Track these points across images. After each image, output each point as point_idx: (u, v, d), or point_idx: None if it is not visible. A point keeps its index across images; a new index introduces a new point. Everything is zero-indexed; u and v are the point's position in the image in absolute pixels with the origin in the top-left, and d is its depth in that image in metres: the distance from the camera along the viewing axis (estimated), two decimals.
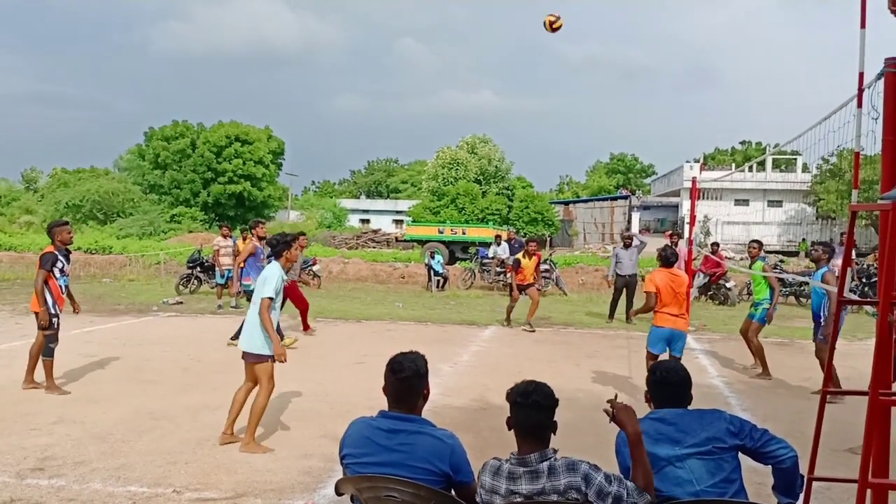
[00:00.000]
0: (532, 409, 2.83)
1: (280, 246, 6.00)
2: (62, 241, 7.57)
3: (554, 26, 9.77)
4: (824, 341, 7.78)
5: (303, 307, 11.66)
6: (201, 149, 43.49)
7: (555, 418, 2.92)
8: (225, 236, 15.85)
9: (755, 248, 9.73)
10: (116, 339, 11.02)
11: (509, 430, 2.91)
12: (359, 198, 75.48)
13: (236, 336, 10.08)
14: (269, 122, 75.01)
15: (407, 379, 3.03)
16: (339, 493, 3.01)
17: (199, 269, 17.68)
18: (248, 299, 9.97)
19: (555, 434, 2.91)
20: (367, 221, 59.82)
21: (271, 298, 5.65)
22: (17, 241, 28.81)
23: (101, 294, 17.60)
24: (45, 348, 7.49)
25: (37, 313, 7.41)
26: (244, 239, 16.51)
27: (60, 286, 7.54)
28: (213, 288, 16.55)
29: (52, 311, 7.48)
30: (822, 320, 7.94)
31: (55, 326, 7.51)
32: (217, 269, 15.58)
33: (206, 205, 43.78)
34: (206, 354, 9.77)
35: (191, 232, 36.97)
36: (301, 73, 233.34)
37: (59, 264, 7.50)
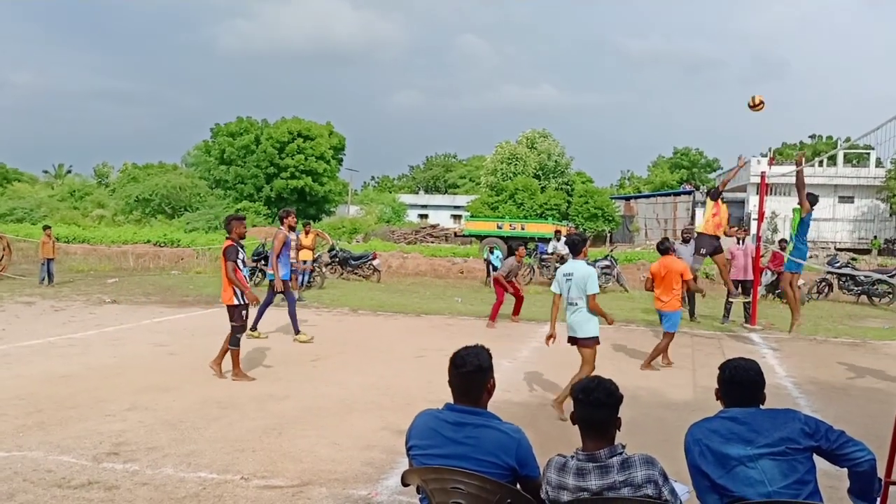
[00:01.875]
0: (593, 406, 2.86)
1: None
2: (239, 234, 7.97)
3: (756, 108, 10.66)
4: None
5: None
6: (264, 144, 44.37)
7: (618, 415, 2.91)
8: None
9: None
10: (185, 329, 11.36)
11: (574, 424, 2.93)
12: (417, 193, 75.86)
13: (254, 328, 10.26)
14: (331, 119, 75.98)
15: (469, 374, 3.03)
16: (405, 483, 3.04)
17: (263, 262, 18.06)
18: (273, 288, 10.35)
19: (619, 430, 2.91)
20: (426, 216, 60.10)
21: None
22: (90, 234, 29.91)
23: (170, 286, 18.15)
24: (232, 338, 7.85)
25: (228, 305, 7.82)
26: (306, 233, 16.83)
27: (245, 276, 7.94)
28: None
29: (241, 302, 7.84)
30: None
31: (244, 318, 7.88)
32: (246, 258, 15.91)
33: (269, 199, 44.66)
34: (270, 345, 9.99)
35: (254, 226, 37.79)
36: (362, 69, 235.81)
37: (241, 255, 7.91)
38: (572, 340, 7.10)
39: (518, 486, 2.95)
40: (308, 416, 6.51)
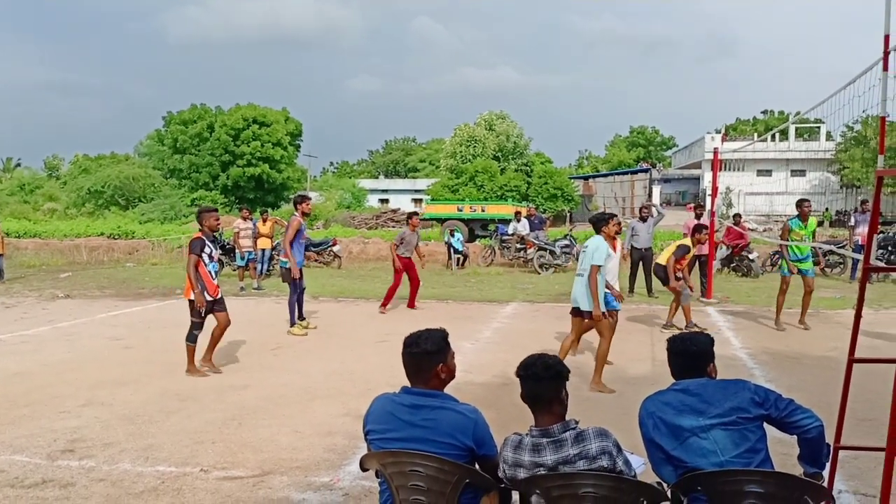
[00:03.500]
0: (532, 380, 2.92)
1: None
2: (210, 226, 7.69)
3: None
4: None
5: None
6: (219, 132, 43.63)
7: (565, 389, 2.96)
8: (245, 218, 15.93)
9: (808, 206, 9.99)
10: (141, 323, 11.16)
11: (524, 403, 2.98)
12: (377, 178, 75.51)
13: (294, 322, 10.06)
14: (287, 105, 75.04)
15: (417, 355, 3.03)
16: (363, 468, 3.03)
17: (220, 251, 17.81)
18: (283, 278, 10.12)
19: (565, 405, 2.96)
20: (387, 201, 59.87)
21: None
22: (41, 228, 29.20)
23: (125, 278, 17.81)
24: (189, 334, 7.61)
25: (191, 301, 7.50)
26: (264, 221, 16.61)
27: (210, 272, 7.60)
28: (234, 270, 16.68)
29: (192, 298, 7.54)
30: None
31: (201, 315, 7.55)
32: (237, 251, 15.69)
33: (226, 188, 44.00)
34: (229, 335, 9.83)
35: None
36: (318, 54, 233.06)
37: (208, 249, 7.59)
38: (576, 311, 7.14)
39: (476, 465, 2.97)
40: (269, 406, 6.46)
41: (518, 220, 20.67)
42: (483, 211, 29.99)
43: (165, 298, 14.15)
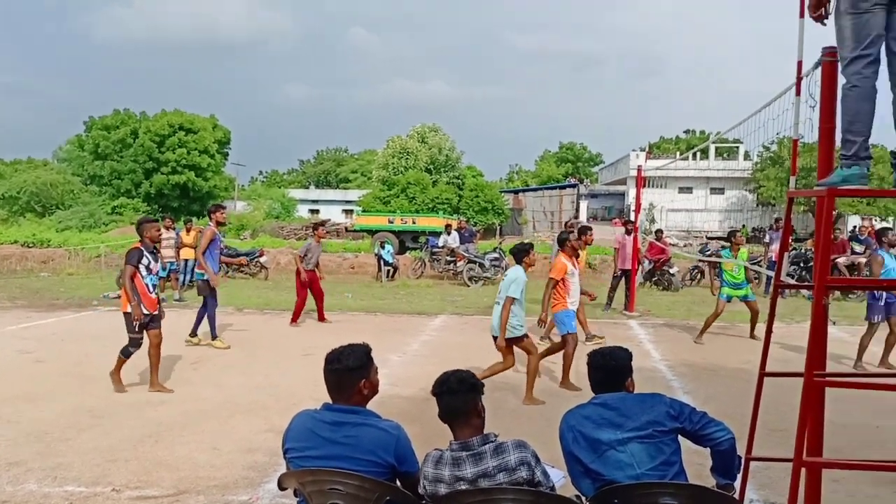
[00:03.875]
0: (448, 394, 2.93)
1: None
2: (151, 238, 7.42)
3: None
4: None
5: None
6: (142, 138, 42.42)
7: (480, 402, 2.98)
8: (167, 228, 15.50)
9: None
10: (55, 335, 10.68)
11: (443, 422, 2.99)
12: (308, 188, 74.57)
13: (194, 333, 9.83)
14: (215, 112, 73.39)
15: (339, 371, 2.99)
16: (281, 487, 2.97)
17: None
18: (199, 290, 9.68)
19: (483, 418, 2.97)
20: (317, 212, 59.17)
21: None
22: None
23: (38, 288, 17.05)
24: (124, 349, 7.22)
25: (126, 314, 7.14)
26: (188, 231, 16.20)
27: (147, 285, 7.24)
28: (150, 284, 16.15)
29: (142, 312, 7.15)
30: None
31: (136, 329, 7.16)
32: (159, 261, 15.22)
33: (149, 196, 42.76)
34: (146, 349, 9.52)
35: (132, 224, 36.05)
36: (248, 61, 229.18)
37: (146, 261, 7.25)
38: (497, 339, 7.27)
39: (398, 482, 2.94)
40: (187, 422, 6.27)
41: (448, 233, 20.77)
42: (414, 223, 29.99)
43: (82, 310, 13.60)
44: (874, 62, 3.06)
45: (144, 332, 7.27)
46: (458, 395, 2.92)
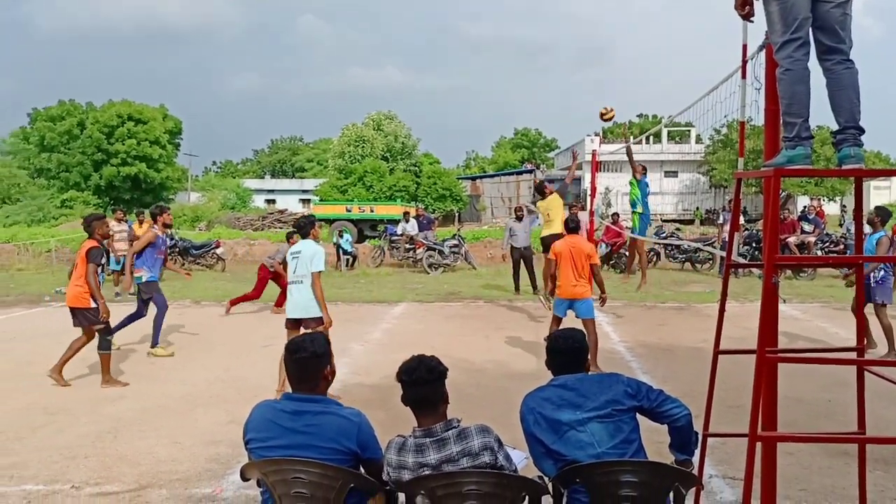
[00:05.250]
0: (418, 384, 2.93)
1: None
2: (102, 234, 7.44)
3: (605, 117, 11.26)
4: (882, 305, 8.22)
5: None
6: (90, 129, 41.37)
7: (445, 388, 3.00)
8: (119, 220, 15.19)
9: None
10: (5, 333, 10.42)
11: (406, 406, 2.98)
12: (263, 178, 73.64)
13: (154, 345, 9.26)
14: (165, 102, 71.81)
15: (303, 360, 2.98)
16: (244, 478, 2.96)
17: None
18: (139, 293, 8.89)
19: (448, 403, 3.00)
20: (273, 202, 58.51)
21: None
22: None
23: None
24: (102, 341, 7.26)
25: (78, 308, 7.22)
26: (140, 223, 15.88)
27: (100, 282, 7.32)
28: (108, 275, 15.83)
29: (97, 305, 7.22)
30: (872, 283, 8.24)
31: (100, 319, 7.24)
32: (112, 254, 14.89)
33: (100, 188, 41.79)
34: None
35: (83, 217, 35.18)
36: (197, 50, 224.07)
37: (102, 259, 7.37)
38: (294, 322, 6.78)
39: (361, 469, 2.95)
40: (147, 417, 6.18)
41: (407, 221, 20.73)
42: (372, 211, 29.87)
43: (33, 306, 13.27)
44: (804, 45, 3.14)
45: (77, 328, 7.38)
46: (428, 385, 2.91)
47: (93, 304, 7.24)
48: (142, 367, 8.12)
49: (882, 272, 8.29)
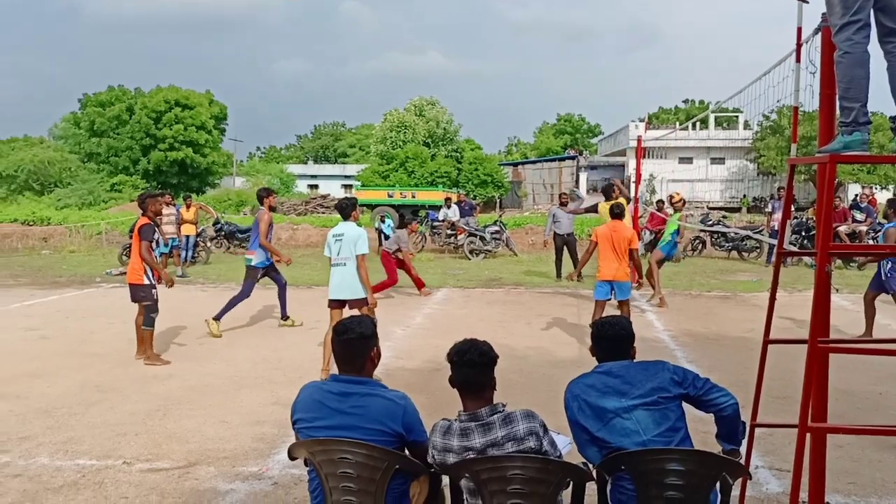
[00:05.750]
0: (468, 366, 2.92)
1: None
2: (154, 211, 7.73)
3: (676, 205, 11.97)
4: None
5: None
6: (139, 115, 42.18)
7: (494, 374, 2.99)
8: (167, 204, 15.47)
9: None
10: (59, 312, 10.73)
11: (453, 388, 2.98)
12: (306, 163, 74.34)
13: (284, 316, 9.72)
14: (211, 87, 72.94)
15: (351, 341, 3.01)
16: (292, 457, 3.00)
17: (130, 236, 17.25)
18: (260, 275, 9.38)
19: (495, 390, 2.99)
20: (316, 187, 59.06)
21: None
22: None
23: (41, 266, 17.08)
24: (146, 318, 7.50)
25: (131, 284, 7.51)
26: (188, 207, 16.19)
27: (156, 257, 7.67)
28: (158, 257, 16.18)
29: (151, 282, 7.50)
30: (882, 275, 8.22)
31: (154, 297, 7.51)
32: (160, 237, 15.21)
33: (148, 172, 42.63)
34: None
35: (132, 201, 35.93)
36: (243, 36, 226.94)
37: (156, 235, 7.68)
38: (338, 303, 6.91)
39: (406, 451, 2.98)
40: (194, 396, 6.32)
41: (448, 207, 20.73)
42: (413, 197, 29.97)
43: (84, 287, 13.63)
44: (864, 27, 3.04)
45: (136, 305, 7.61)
46: (477, 369, 2.91)
47: (145, 281, 7.44)
48: (190, 348, 8.29)
49: (890, 264, 8.13)
